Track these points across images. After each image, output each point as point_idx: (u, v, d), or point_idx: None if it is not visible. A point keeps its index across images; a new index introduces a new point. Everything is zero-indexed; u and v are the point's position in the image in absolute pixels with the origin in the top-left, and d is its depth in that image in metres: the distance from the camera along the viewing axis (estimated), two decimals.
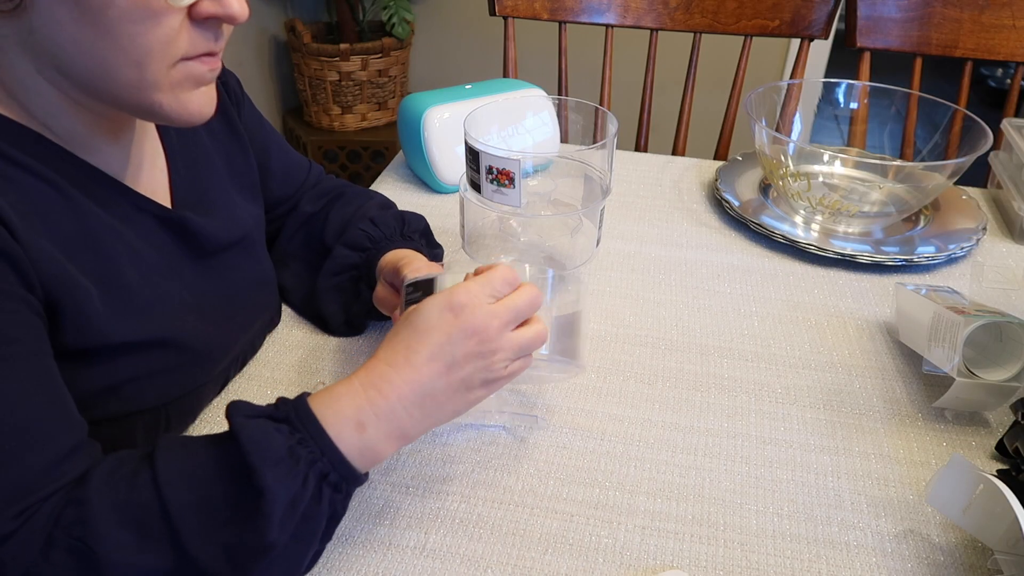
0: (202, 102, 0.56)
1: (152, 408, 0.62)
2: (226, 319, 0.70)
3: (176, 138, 0.69)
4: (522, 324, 0.57)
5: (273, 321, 0.81)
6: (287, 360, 0.77)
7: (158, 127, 0.68)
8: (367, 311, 0.77)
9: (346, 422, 0.51)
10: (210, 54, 0.55)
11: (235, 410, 0.51)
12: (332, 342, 0.79)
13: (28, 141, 0.54)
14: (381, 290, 0.72)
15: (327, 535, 0.53)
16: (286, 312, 0.83)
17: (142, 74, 0.52)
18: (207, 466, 0.50)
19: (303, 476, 0.49)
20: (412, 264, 0.69)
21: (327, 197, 0.86)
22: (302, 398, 0.53)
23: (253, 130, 0.80)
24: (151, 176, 0.65)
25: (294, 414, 0.51)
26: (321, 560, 0.57)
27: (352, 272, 0.78)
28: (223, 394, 0.72)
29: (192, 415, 0.68)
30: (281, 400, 0.53)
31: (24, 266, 0.50)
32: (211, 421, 0.69)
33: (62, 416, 0.51)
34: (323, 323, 0.81)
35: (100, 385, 0.58)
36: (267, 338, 0.79)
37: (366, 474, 0.54)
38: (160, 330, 0.61)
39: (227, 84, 0.77)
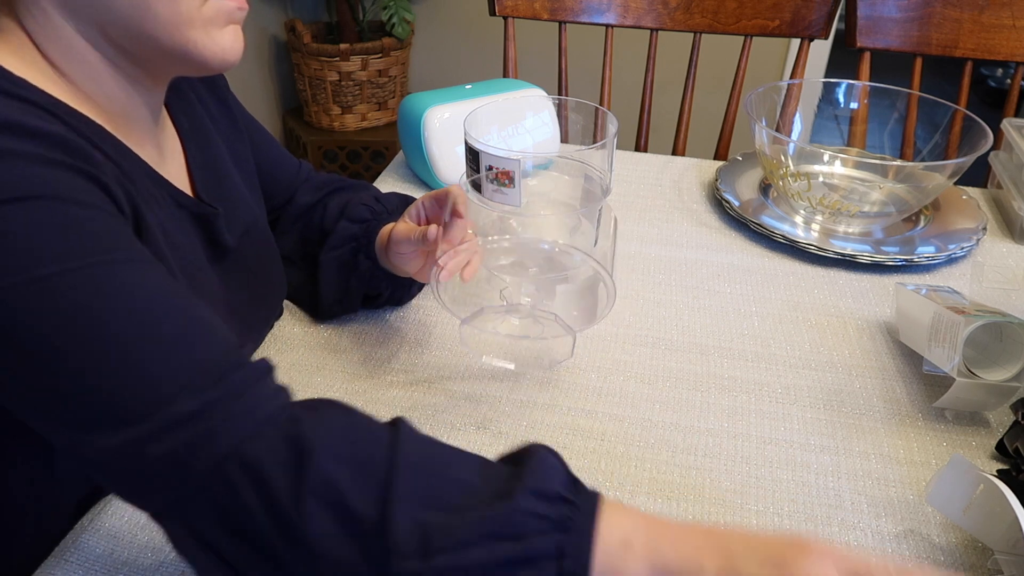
0: (232, 39, 0.58)
1: None
2: (245, 309, 0.70)
3: (188, 127, 0.69)
4: None
5: (277, 312, 0.82)
6: (287, 359, 0.77)
7: (172, 118, 0.68)
8: (364, 286, 0.79)
9: (617, 530, 0.45)
10: None
11: (534, 444, 0.48)
12: (332, 339, 0.79)
13: (98, 134, 0.55)
14: (403, 226, 0.72)
15: None
16: (285, 310, 0.83)
17: (176, 8, 0.53)
18: (461, 457, 0.48)
19: (549, 527, 0.44)
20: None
21: (325, 190, 0.86)
22: (597, 491, 0.47)
23: (246, 124, 0.80)
24: (176, 168, 0.66)
25: (583, 487, 0.47)
26: None
27: (352, 244, 0.78)
28: None
29: None
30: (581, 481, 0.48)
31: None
32: None
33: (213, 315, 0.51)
34: (314, 303, 0.81)
35: None
36: (269, 337, 0.79)
37: None
38: None
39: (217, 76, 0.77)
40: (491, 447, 0.68)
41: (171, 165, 0.65)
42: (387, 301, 0.84)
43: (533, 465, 0.46)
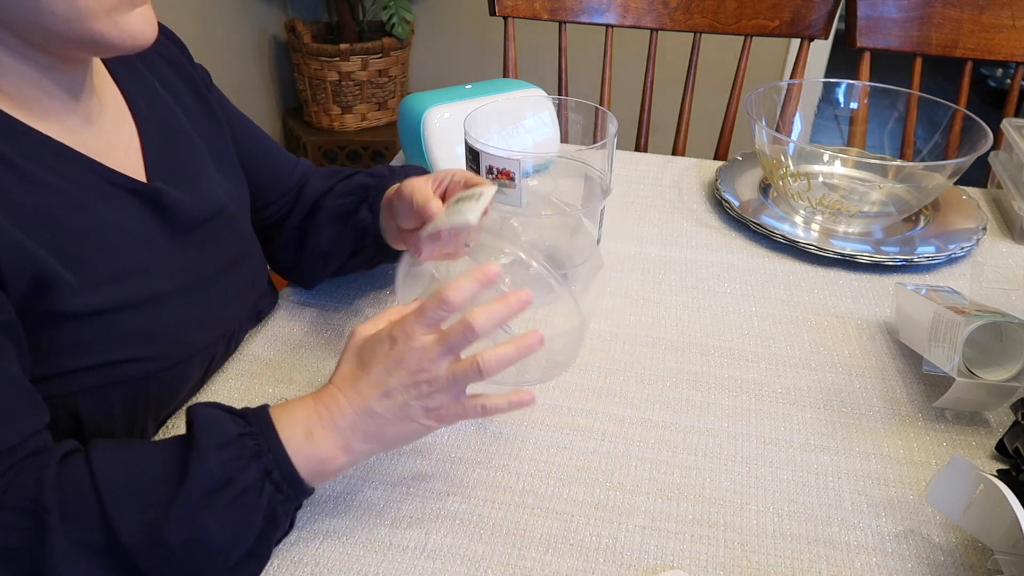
0: (142, 23, 0.57)
1: (130, 380, 0.63)
2: (205, 293, 0.69)
3: (148, 111, 0.69)
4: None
5: (261, 302, 0.80)
6: (287, 359, 0.77)
7: (128, 102, 0.68)
8: (356, 236, 0.79)
9: (296, 427, 0.55)
10: None
11: (196, 404, 0.55)
12: (332, 339, 0.79)
13: None
14: (421, 180, 0.68)
15: (265, 538, 0.54)
16: (285, 309, 0.83)
17: (74, 4, 0.52)
18: (151, 451, 0.53)
19: (245, 463, 0.52)
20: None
21: (337, 176, 0.86)
22: (262, 406, 0.57)
23: (230, 119, 0.80)
24: (121, 149, 0.65)
25: (251, 413, 0.55)
26: (323, 560, 0.58)
27: (360, 193, 0.79)
28: (211, 382, 0.73)
29: (175, 391, 0.68)
30: (244, 407, 0.57)
31: None
32: None
33: (11, 389, 0.52)
34: (302, 270, 0.84)
35: (72, 355, 0.59)
36: (262, 334, 0.79)
37: (311, 488, 0.56)
38: (133, 301, 0.61)
39: (196, 71, 0.77)
40: (491, 448, 0.68)
41: (115, 147, 0.64)
42: (363, 264, 0.84)
43: (200, 427, 0.52)
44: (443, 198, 0.68)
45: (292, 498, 0.55)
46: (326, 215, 0.80)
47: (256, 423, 0.54)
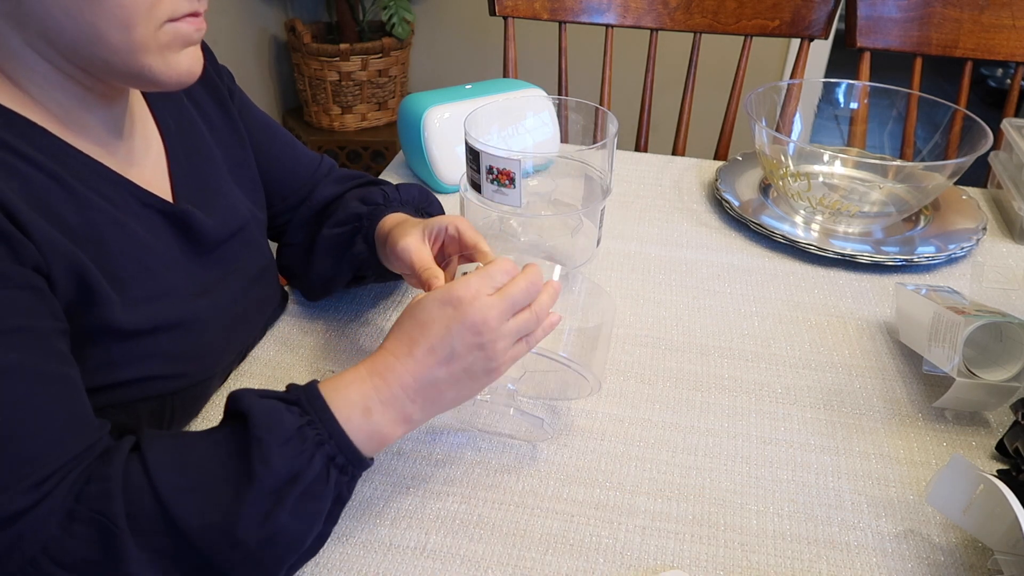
0: (190, 62, 0.57)
1: (157, 396, 0.63)
2: (228, 311, 0.70)
3: (175, 128, 0.69)
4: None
5: (275, 314, 0.81)
6: (287, 359, 0.77)
7: (156, 119, 0.68)
8: (354, 268, 0.78)
9: (353, 407, 0.54)
10: (194, 14, 0.56)
11: (244, 393, 0.53)
12: (332, 340, 0.79)
13: (32, 134, 0.55)
14: (414, 243, 0.67)
15: (332, 517, 0.54)
16: (289, 311, 0.83)
17: (130, 37, 0.53)
18: (206, 448, 0.52)
19: (309, 455, 0.51)
20: (405, 227, 0.69)
21: (349, 183, 0.84)
22: (312, 383, 0.55)
23: (251, 125, 0.80)
24: (151, 168, 0.66)
25: (304, 398, 0.53)
26: (322, 560, 0.58)
27: (355, 223, 0.77)
28: (223, 388, 0.73)
29: (197, 406, 0.69)
30: (292, 385, 0.55)
31: (25, 248, 0.51)
32: (213, 419, 0.69)
33: (75, 395, 0.52)
34: (306, 283, 0.82)
35: (105, 372, 0.58)
36: (270, 336, 0.79)
37: (371, 459, 0.55)
38: (168, 322, 0.62)
39: (220, 76, 0.77)
40: (492, 449, 0.68)
41: (144, 165, 0.65)
42: (370, 282, 0.85)
43: (256, 424, 0.51)
44: (439, 252, 0.69)
45: (355, 476, 0.54)
46: (324, 244, 0.78)
47: (312, 409, 0.53)
